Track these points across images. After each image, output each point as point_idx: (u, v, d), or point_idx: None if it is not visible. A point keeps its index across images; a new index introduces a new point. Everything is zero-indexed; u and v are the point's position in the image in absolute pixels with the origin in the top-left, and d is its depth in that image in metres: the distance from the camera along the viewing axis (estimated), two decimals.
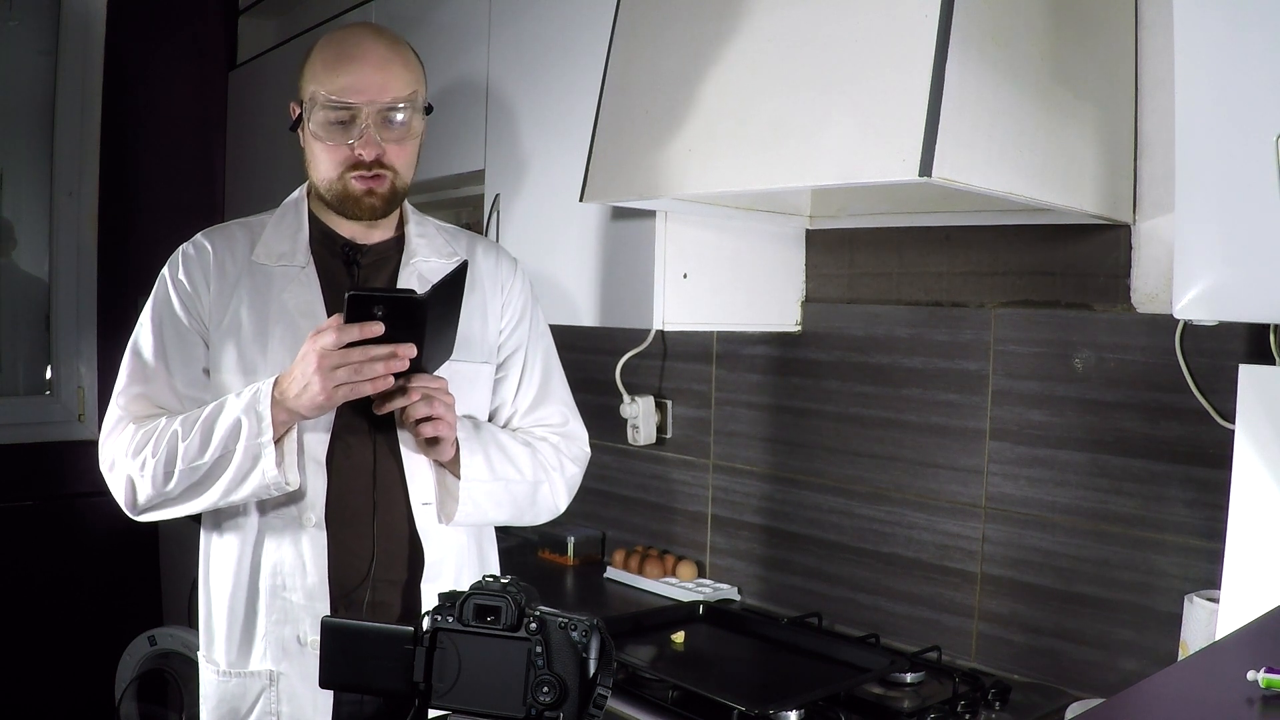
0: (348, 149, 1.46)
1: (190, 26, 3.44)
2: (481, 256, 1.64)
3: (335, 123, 1.45)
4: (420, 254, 1.57)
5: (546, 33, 2.13)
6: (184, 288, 1.50)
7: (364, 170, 1.46)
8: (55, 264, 3.16)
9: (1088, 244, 1.72)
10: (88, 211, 3.16)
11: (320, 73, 1.46)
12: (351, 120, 1.44)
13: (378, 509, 1.48)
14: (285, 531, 1.46)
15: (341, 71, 1.45)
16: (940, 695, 1.69)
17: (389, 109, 1.45)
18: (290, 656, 1.46)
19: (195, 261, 1.51)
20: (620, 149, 1.71)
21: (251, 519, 1.47)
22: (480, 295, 1.61)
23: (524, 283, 1.67)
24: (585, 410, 1.76)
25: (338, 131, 1.45)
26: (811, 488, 2.14)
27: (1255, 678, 0.82)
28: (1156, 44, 1.60)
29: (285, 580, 1.45)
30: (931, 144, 1.28)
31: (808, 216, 2.09)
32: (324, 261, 1.53)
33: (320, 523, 1.45)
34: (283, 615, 1.46)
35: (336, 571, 1.46)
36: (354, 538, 1.47)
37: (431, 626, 0.88)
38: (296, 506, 1.45)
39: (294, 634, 1.45)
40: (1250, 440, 1.40)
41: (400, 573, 1.50)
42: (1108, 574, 1.70)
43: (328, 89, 1.44)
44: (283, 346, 1.46)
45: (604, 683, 0.87)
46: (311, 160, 1.51)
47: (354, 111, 1.44)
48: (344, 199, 1.49)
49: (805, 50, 1.46)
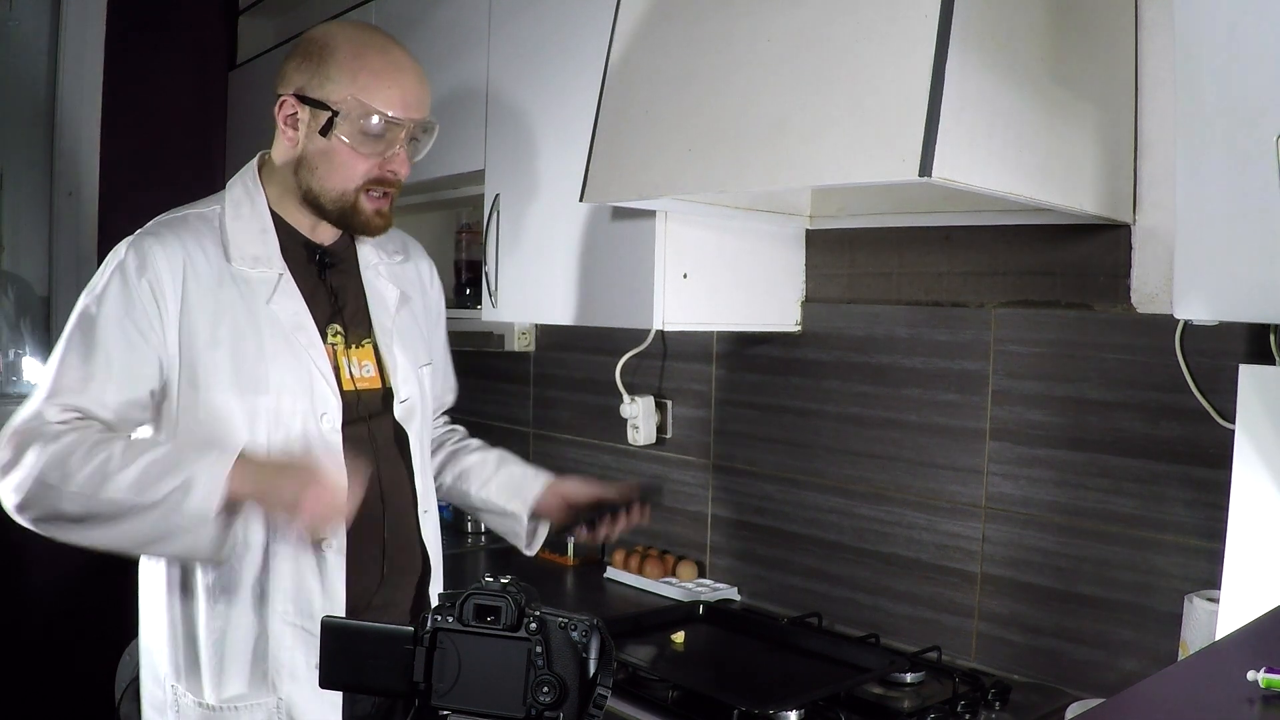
0: (375, 163, 1.41)
1: (190, 26, 3.44)
2: (418, 257, 1.69)
3: (373, 135, 1.40)
4: (374, 256, 1.57)
5: (546, 33, 2.12)
6: (146, 295, 1.36)
7: (385, 187, 1.43)
8: (55, 264, 3.17)
9: (1088, 244, 1.72)
10: (88, 211, 3.16)
11: (366, 81, 1.39)
12: (385, 135, 1.40)
13: (387, 522, 1.47)
14: (303, 558, 1.39)
15: (392, 84, 1.40)
16: (940, 695, 1.69)
17: (424, 127, 1.45)
18: (299, 680, 1.39)
19: (163, 264, 1.37)
20: (620, 149, 1.71)
21: (255, 547, 1.38)
22: (421, 296, 1.65)
23: (439, 283, 1.74)
24: (585, 410, 1.76)
25: (371, 143, 1.40)
26: (811, 488, 2.14)
27: (1255, 678, 0.82)
28: (1156, 44, 1.60)
29: (308, 607, 1.39)
30: (931, 144, 1.28)
31: (808, 216, 2.09)
32: (296, 266, 1.46)
33: (341, 547, 1.40)
34: (295, 641, 1.39)
35: (354, 588, 1.42)
36: (365, 552, 1.45)
37: (431, 626, 0.88)
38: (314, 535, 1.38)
39: (307, 662, 1.38)
40: (1250, 440, 1.40)
41: (408, 577, 1.50)
42: (1108, 574, 1.70)
43: (379, 101, 1.39)
44: (283, 362, 1.40)
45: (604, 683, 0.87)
46: (327, 166, 1.42)
47: (399, 128, 1.40)
48: (350, 213, 1.44)
49: (805, 50, 1.46)
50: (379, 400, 1.50)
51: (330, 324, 1.47)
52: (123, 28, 3.21)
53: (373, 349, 1.51)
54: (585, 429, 2.62)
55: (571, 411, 2.66)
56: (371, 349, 1.51)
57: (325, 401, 1.42)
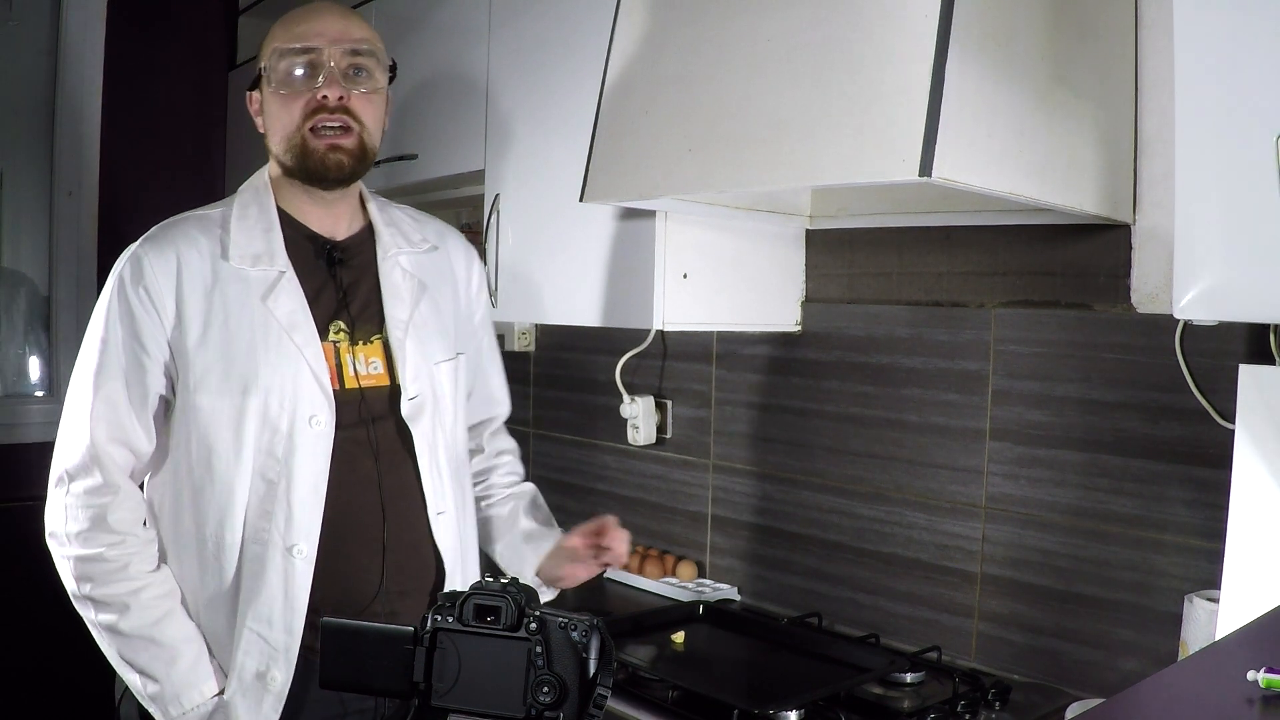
0: (309, 95, 1.39)
1: (190, 26, 3.44)
2: (453, 246, 1.64)
3: (297, 71, 1.39)
4: (393, 247, 1.52)
5: (546, 33, 2.12)
6: (145, 304, 1.38)
7: (328, 117, 1.39)
8: (55, 264, 3.17)
9: (1088, 244, 1.72)
10: (88, 211, 3.16)
11: (278, 32, 1.42)
12: (314, 68, 1.39)
13: (387, 523, 1.44)
14: (270, 562, 1.37)
15: (300, 22, 1.41)
16: (940, 695, 1.69)
17: (353, 53, 1.41)
18: (245, 690, 1.38)
19: (157, 269, 1.39)
20: (620, 149, 1.71)
21: (228, 547, 1.39)
22: (451, 282, 1.60)
23: (482, 273, 1.70)
24: (585, 410, 1.76)
25: (300, 81, 1.39)
26: (811, 488, 2.14)
27: (1255, 678, 0.82)
28: (1156, 44, 1.60)
29: (267, 614, 1.37)
30: (931, 144, 1.28)
31: (808, 216, 2.09)
32: (303, 263, 1.44)
33: (311, 555, 1.38)
34: (251, 648, 1.38)
35: (347, 594, 1.40)
36: (363, 554, 1.42)
37: (431, 626, 0.88)
38: (287, 537, 1.37)
39: (255, 668, 1.37)
40: (1250, 440, 1.40)
41: (412, 583, 1.46)
42: (1108, 574, 1.70)
43: (286, 39, 1.39)
44: (274, 363, 1.38)
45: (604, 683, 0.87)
46: (270, 123, 1.42)
47: (316, 55, 1.39)
48: (305, 158, 1.40)
49: (805, 50, 1.46)
50: (385, 399, 1.46)
51: (334, 321, 1.45)
52: (123, 28, 3.21)
53: (382, 345, 1.47)
54: (585, 429, 2.62)
55: (571, 411, 2.66)
56: (381, 345, 1.47)
57: (315, 403, 1.39)
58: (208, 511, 1.40)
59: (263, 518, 1.38)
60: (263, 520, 1.38)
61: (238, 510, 1.38)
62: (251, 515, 1.39)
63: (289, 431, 1.38)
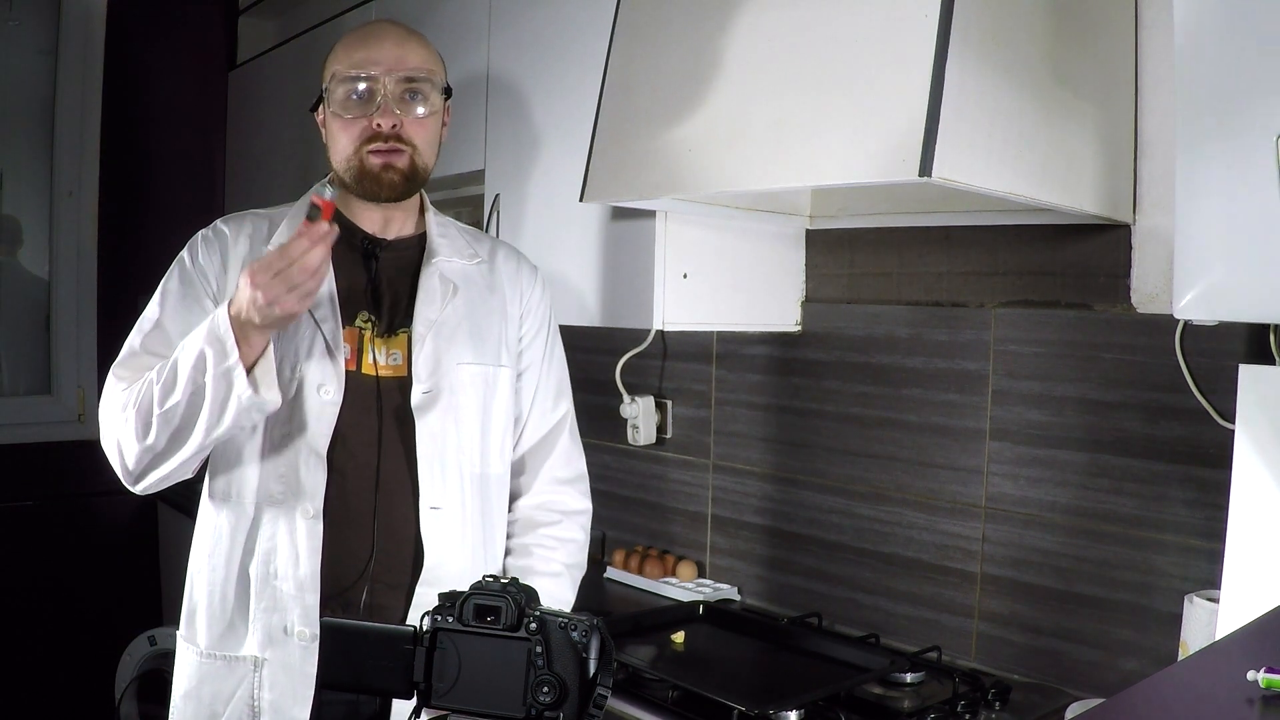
0: (365, 122, 1.46)
1: (190, 26, 3.44)
2: (503, 261, 1.64)
3: (354, 97, 1.47)
4: (442, 253, 1.56)
5: (546, 33, 2.13)
6: (199, 271, 1.50)
7: (381, 143, 1.46)
8: (55, 264, 3.17)
9: (1088, 244, 1.72)
10: (88, 211, 3.16)
11: (339, 54, 1.49)
12: (370, 95, 1.46)
13: (379, 510, 1.47)
14: (281, 519, 1.44)
15: (359, 48, 1.48)
16: (940, 695, 1.69)
17: (407, 80, 1.47)
18: (275, 644, 1.44)
19: (212, 245, 1.52)
20: (620, 149, 1.71)
21: (247, 504, 1.46)
22: (500, 298, 1.60)
23: (544, 294, 1.67)
24: (585, 410, 1.76)
25: (356, 106, 1.47)
26: (811, 488, 2.14)
27: (1255, 678, 0.82)
28: (1156, 44, 1.60)
29: (277, 568, 1.44)
30: (931, 144, 1.28)
31: (808, 216, 2.09)
32: (341, 254, 1.49)
33: (318, 514, 1.43)
34: (272, 603, 1.44)
35: (332, 568, 1.44)
36: (353, 537, 1.46)
37: (431, 626, 0.88)
38: (294, 496, 1.44)
39: (281, 623, 1.44)
40: (1250, 440, 1.40)
41: (400, 576, 1.48)
42: (1108, 574, 1.70)
43: (345, 65, 1.47)
44: (290, 333, 1.44)
45: (604, 683, 0.87)
46: (331, 142, 1.51)
47: (372, 83, 1.46)
48: (361, 176, 1.48)
49: (805, 50, 1.46)
50: (399, 390, 1.50)
51: (361, 310, 1.50)
52: (123, 28, 3.22)
53: (407, 340, 1.51)
54: (585, 429, 2.61)
55: None
56: (405, 340, 1.51)
57: (324, 373, 1.45)
58: (219, 466, 1.50)
59: (275, 480, 1.45)
60: (275, 483, 1.45)
61: (249, 469, 1.46)
62: (265, 477, 1.46)
63: (297, 395, 1.44)
